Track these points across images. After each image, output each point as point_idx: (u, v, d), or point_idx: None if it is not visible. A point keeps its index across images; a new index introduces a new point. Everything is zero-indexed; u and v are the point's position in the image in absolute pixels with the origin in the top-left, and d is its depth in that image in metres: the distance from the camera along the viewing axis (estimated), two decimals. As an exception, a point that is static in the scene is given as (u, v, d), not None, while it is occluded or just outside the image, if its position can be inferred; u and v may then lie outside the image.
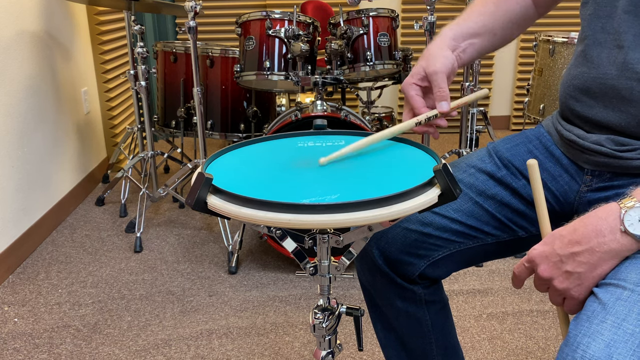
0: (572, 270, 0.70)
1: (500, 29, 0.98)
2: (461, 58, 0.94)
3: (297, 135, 0.94)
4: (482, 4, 0.99)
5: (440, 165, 0.68)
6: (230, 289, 1.95)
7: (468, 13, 0.98)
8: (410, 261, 0.95)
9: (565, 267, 0.70)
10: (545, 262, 0.72)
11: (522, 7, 0.99)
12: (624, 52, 0.79)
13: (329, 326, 0.85)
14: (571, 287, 0.70)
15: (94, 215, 2.57)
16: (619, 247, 0.68)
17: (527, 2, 0.99)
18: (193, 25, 2.00)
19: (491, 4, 0.99)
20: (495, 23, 0.97)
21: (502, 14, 0.98)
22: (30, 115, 2.27)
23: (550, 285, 0.72)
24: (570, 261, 0.70)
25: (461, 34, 0.94)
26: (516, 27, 1.00)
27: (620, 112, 0.81)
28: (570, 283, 0.70)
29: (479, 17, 0.97)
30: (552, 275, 0.71)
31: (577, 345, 0.64)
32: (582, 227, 0.70)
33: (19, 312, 1.82)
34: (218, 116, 2.41)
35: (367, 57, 2.05)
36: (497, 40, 0.98)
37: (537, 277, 0.74)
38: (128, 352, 1.62)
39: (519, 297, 1.88)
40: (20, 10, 2.23)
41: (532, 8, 1.00)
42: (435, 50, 0.91)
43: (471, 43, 0.95)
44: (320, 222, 0.62)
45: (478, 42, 0.96)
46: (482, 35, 0.96)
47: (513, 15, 0.98)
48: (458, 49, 0.93)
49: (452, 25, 0.95)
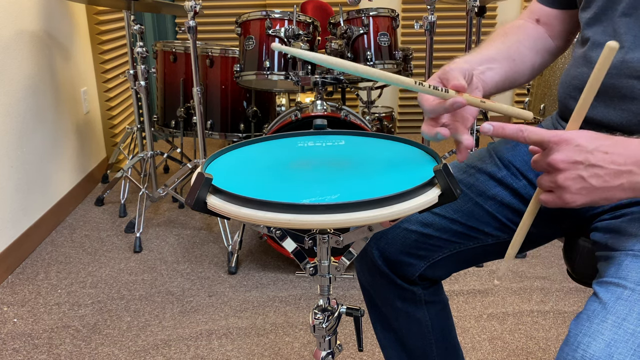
0: (587, 177, 0.64)
1: (517, 54, 0.93)
2: (482, 80, 0.86)
3: (297, 135, 0.93)
4: (491, 39, 0.96)
5: (441, 165, 0.68)
6: (230, 289, 1.95)
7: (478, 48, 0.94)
8: (410, 262, 0.95)
9: (583, 171, 0.64)
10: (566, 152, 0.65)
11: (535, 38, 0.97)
12: (624, 52, 0.79)
13: (329, 326, 0.85)
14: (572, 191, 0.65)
15: (94, 216, 2.57)
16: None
17: (541, 33, 0.97)
18: (193, 25, 2.00)
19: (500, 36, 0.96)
20: (510, 49, 0.93)
21: (514, 41, 0.95)
22: (30, 115, 2.26)
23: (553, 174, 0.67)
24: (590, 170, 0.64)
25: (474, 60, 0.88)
26: (535, 55, 0.96)
27: (621, 110, 0.81)
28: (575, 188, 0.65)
29: (490, 46, 0.93)
30: (565, 167, 0.65)
31: (578, 345, 0.63)
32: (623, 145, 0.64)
33: (18, 312, 1.82)
34: (218, 116, 2.41)
35: (367, 57, 2.05)
36: (518, 66, 0.93)
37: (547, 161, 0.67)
38: (127, 352, 1.62)
39: (519, 298, 1.87)
40: (20, 10, 2.22)
41: (549, 40, 0.98)
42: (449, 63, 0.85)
43: (489, 67, 0.88)
44: (320, 222, 0.62)
45: (497, 67, 0.89)
46: (500, 61, 0.90)
47: (527, 43, 0.95)
48: (476, 70, 0.85)
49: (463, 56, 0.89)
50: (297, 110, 1.99)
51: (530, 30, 0.98)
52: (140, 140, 2.64)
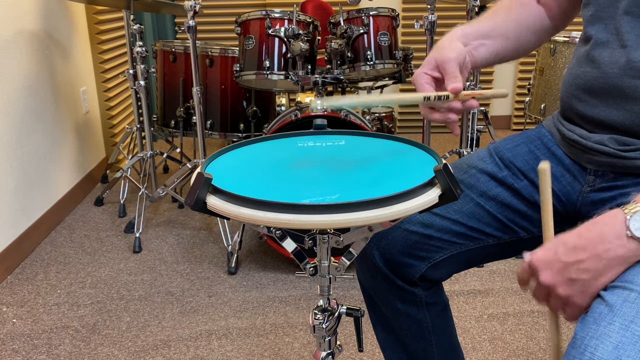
0: (577, 277, 0.68)
1: (512, 33, 0.96)
2: (473, 55, 0.92)
3: (297, 135, 0.93)
4: (493, 11, 0.98)
5: (441, 165, 0.68)
6: (229, 290, 1.94)
7: (479, 18, 0.98)
8: (411, 263, 0.95)
9: (569, 274, 0.69)
10: (548, 269, 0.70)
11: (534, 17, 0.98)
12: (627, 52, 0.79)
13: (329, 327, 0.84)
14: (574, 295, 0.69)
15: (93, 216, 2.57)
16: (625, 252, 0.66)
17: (541, 13, 0.99)
18: (192, 25, 1.99)
19: (503, 10, 0.98)
20: (507, 27, 0.96)
21: (514, 19, 0.97)
22: (29, 115, 2.26)
23: (552, 292, 0.71)
24: (575, 268, 0.68)
25: (471, 33, 0.93)
26: (532, 35, 0.99)
27: (625, 110, 0.80)
28: (574, 290, 0.69)
29: (489, 20, 0.97)
30: (555, 282, 0.70)
31: (585, 348, 0.63)
32: (586, 232, 0.69)
33: (17, 312, 1.82)
34: (217, 116, 2.41)
35: (367, 57, 2.04)
36: (510, 44, 0.97)
37: (539, 284, 0.72)
38: (127, 352, 1.62)
39: (519, 298, 1.87)
40: (19, 10, 2.22)
41: (547, 20, 0.99)
42: (446, 42, 0.90)
43: (482, 43, 0.93)
44: (320, 222, 0.62)
45: (489, 43, 0.94)
46: (494, 38, 0.95)
47: (526, 22, 0.98)
48: (469, 45, 0.91)
49: (462, 26, 0.95)
50: (297, 110, 1.99)
51: (532, 9, 0.99)
52: (139, 140, 2.64)
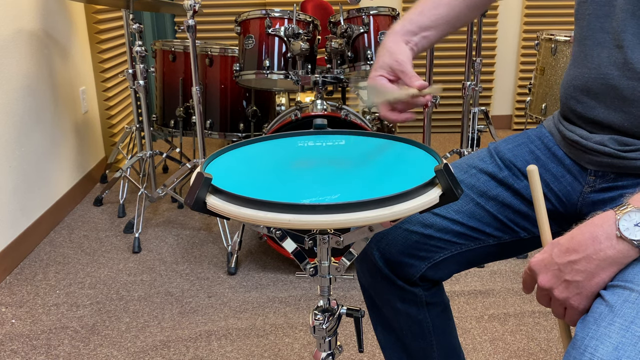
0: (571, 279, 0.69)
1: (455, 17, 0.99)
2: (414, 51, 0.96)
3: (297, 135, 0.93)
4: None
5: (442, 165, 0.67)
6: (229, 290, 1.94)
7: (421, 6, 0.98)
8: (411, 263, 0.94)
9: (564, 276, 0.69)
10: (545, 271, 0.71)
11: None
12: (624, 52, 0.78)
13: (329, 327, 0.84)
14: (570, 297, 0.70)
15: (92, 216, 2.56)
16: (615, 253, 0.67)
17: None
18: (192, 24, 1.99)
19: None
20: (451, 13, 0.98)
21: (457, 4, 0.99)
22: (28, 115, 2.26)
23: (551, 295, 0.72)
24: (569, 270, 0.69)
25: (412, 30, 0.96)
26: (476, 10, 1.01)
27: (623, 112, 0.80)
28: (570, 292, 0.69)
29: (433, 10, 0.98)
30: (551, 284, 0.71)
31: (585, 348, 0.63)
32: (579, 234, 0.69)
33: (16, 313, 1.81)
34: (217, 116, 2.40)
35: (367, 56, 2.04)
36: (451, 29, 1.00)
37: (538, 288, 0.73)
38: (126, 353, 1.61)
39: (520, 298, 1.87)
40: (18, 9, 2.22)
41: None
42: (392, 45, 0.94)
43: (424, 36, 0.97)
44: (320, 223, 0.61)
45: (432, 34, 0.98)
46: (437, 28, 0.98)
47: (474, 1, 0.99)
48: (411, 42, 0.96)
49: (404, 22, 0.97)
50: (297, 109, 1.99)
51: None
52: (139, 140, 2.63)
